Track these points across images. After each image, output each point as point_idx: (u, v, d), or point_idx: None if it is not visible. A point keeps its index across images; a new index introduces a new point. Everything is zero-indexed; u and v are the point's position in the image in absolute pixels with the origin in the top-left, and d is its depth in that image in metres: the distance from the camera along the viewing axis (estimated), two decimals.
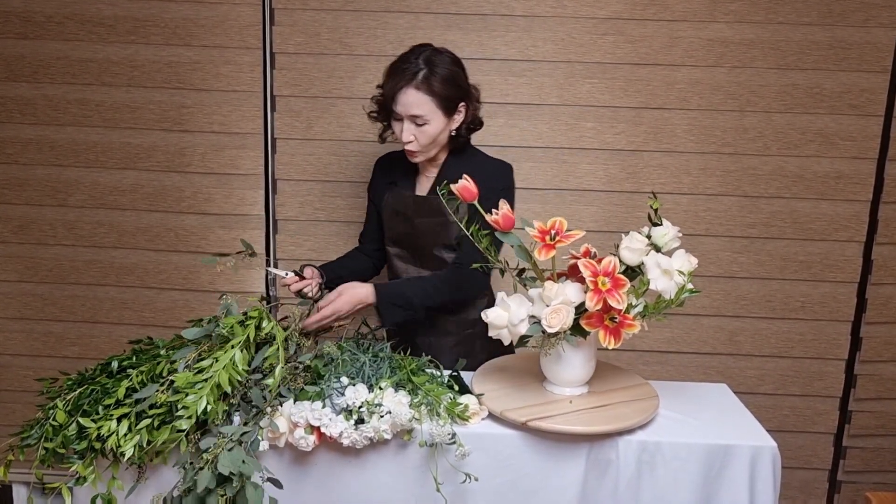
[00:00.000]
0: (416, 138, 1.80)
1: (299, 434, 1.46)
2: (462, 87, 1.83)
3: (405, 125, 1.79)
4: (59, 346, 2.56)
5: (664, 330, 2.49)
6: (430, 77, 1.75)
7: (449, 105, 1.80)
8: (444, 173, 1.90)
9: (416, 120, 1.78)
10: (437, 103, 1.77)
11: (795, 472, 2.56)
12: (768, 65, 2.36)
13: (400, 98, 1.76)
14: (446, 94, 1.78)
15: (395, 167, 1.99)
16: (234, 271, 1.60)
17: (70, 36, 2.38)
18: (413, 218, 1.91)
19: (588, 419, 1.52)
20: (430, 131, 1.80)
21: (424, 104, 1.76)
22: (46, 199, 2.47)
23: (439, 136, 1.82)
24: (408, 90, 1.75)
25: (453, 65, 1.82)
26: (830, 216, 2.43)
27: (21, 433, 1.50)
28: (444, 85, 1.77)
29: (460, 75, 1.84)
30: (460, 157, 1.91)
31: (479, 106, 1.91)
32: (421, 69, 1.76)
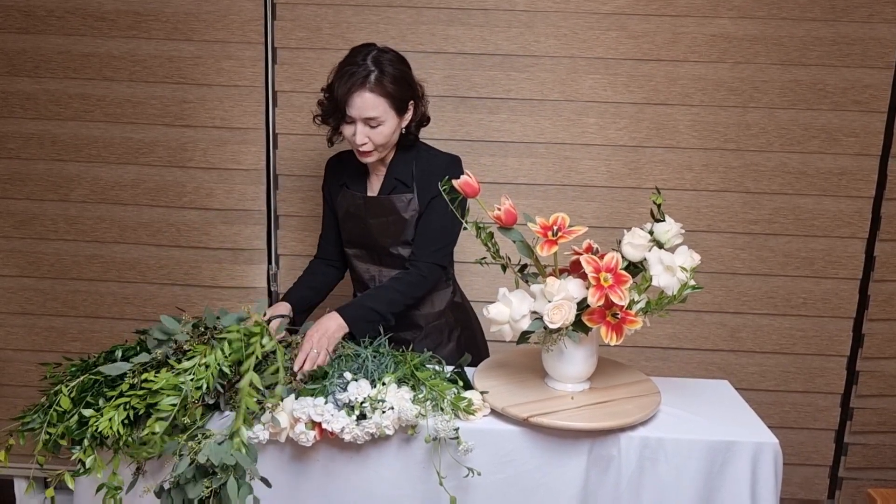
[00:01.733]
0: (369, 140, 1.79)
1: (300, 429, 1.46)
2: (411, 86, 1.83)
3: (358, 128, 1.78)
4: (60, 341, 2.56)
5: (666, 326, 2.49)
6: (381, 78, 1.75)
7: (401, 105, 1.80)
8: (392, 171, 1.90)
9: (371, 122, 1.77)
10: (391, 104, 1.77)
11: (797, 468, 2.56)
12: (771, 61, 2.35)
13: (354, 101, 1.75)
14: (398, 94, 1.78)
15: (345, 169, 1.98)
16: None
17: (71, 30, 2.38)
18: (366, 219, 1.90)
19: (590, 415, 1.52)
20: (384, 132, 1.79)
21: (379, 106, 1.75)
22: (48, 194, 2.47)
23: (392, 135, 1.82)
24: (362, 93, 1.74)
25: (401, 63, 1.82)
26: (833, 212, 2.42)
27: (23, 417, 1.50)
28: (395, 85, 1.77)
29: (408, 74, 1.83)
30: (408, 153, 1.91)
31: (426, 102, 1.91)
32: (371, 71, 1.75)
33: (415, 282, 1.84)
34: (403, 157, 1.90)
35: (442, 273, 1.91)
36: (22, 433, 1.49)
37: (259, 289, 2.51)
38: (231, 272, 2.50)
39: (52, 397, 1.50)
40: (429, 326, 1.97)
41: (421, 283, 1.85)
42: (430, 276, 1.86)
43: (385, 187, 1.90)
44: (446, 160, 1.91)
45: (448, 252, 1.90)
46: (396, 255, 1.90)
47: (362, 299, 1.84)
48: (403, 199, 1.86)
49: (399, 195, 1.86)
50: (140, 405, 1.43)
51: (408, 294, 1.84)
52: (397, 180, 1.88)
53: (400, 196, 1.86)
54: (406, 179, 1.88)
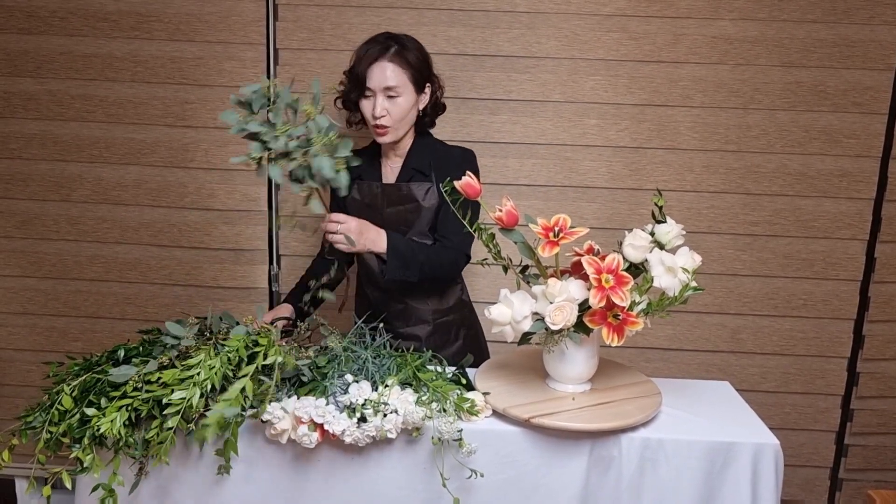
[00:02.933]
0: (388, 112, 1.82)
1: (302, 431, 1.46)
2: (429, 67, 1.90)
3: (377, 100, 1.82)
4: (62, 342, 2.56)
5: (666, 327, 2.49)
6: (402, 51, 1.83)
7: (419, 79, 1.86)
8: (409, 160, 1.92)
9: (389, 92, 1.81)
10: (410, 76, 1.83)
11: (797, 469, 2.56)
12: (772, 62, 2.35)
13: (374, 71, 1.81)
14: (418, 67, 1.85)
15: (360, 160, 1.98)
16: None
17: (73, 31, 2.38)
18: (383, 208, 1.91)
19: (591, 416, 1.52)
20: (402, 104, 1.83)
21: (399, 75, 1.81)
22: (50, 195, 2.47)
23: (409, 112, 1.86)
24: (382, 62, 1.81)
25: (420, 46, 1.90)
26: (833, 214, 2.42)
27: (25, 416, 1.50)
28: (415, 59, 1.84)
29: (427, 56, 1.91)
30: (423, 145, 1.95)
31: (442, 92, 1.97)
32: (393, 45, 1.83)
33: (446, 257, 1.84)
34: (420, 147, 1.93)
35: (467, 260, 1.91)
36: (24, 432, 1.49)
37: (260, 289, 2.51)
38: (232, 272, 2.50)
39: (55, 396, 1.50)
40: (437, 322, 1.97)
41: (452, 263, 1.85)
42: (459, 259, 1.86)
43: (402, 177, 1.92)
44: (462, 152, 1.95)
45: (471, 241, 1.88)
46: None
47: (405, 239, 1.83)
48: (423, 187, 1.89)
49: (419, 183, 1.89)
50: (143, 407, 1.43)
51: (441, 263, 1.83)
52: (415, 170, 1.91)
53: (420, 184, 1.89)
54: (424, 169, 1.90)
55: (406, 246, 1.80)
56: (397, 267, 1.77)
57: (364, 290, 2.06)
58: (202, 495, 1.54)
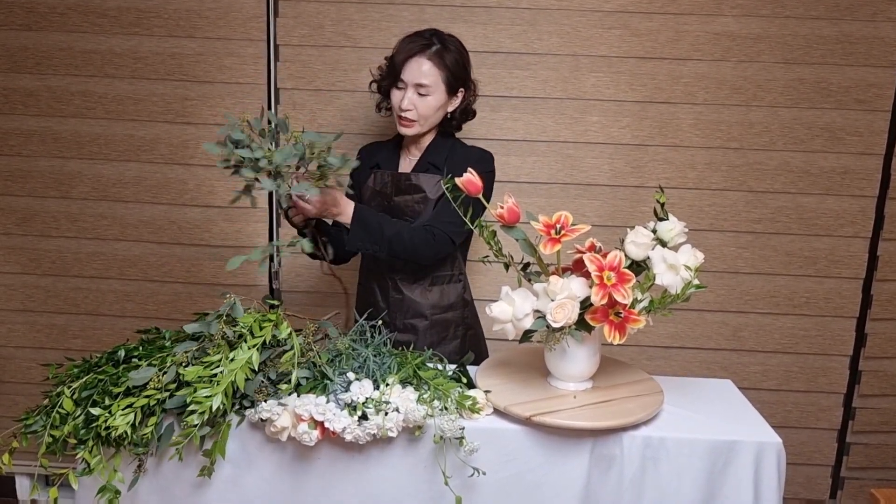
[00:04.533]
0: (415, 107, 1.85)
1: (303, 429, 1.45)
2: (466, 72, 1.92)
3: (407, 93, 1.85)
4: (62, 339, 2.56)
5: (668, 325, 2.49)
6: (442, 51, 1.84)
7: (453, 83, 1.87)
8: (427, 155, 1.94)
9: (420, 89, 1.84)
10: (444, 77, 1.85)
11: (799, 468, 2.56)
12: (775, 59, 2.34)
13: (410, 65, 1.83)
14: (454, 70, 1.86)
15: (379, 153, 2.03)
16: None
17: (73, 27, 2.37)
18: (392, 196, 1.93)
19: (592, 414, 1.51)
20: (431, 103, 1.85)
21: (432, 75, 1.83)
22: (49, 191, 2.47)
23: (437, 111, 1.88)
24: (420, 58, 1.83)
25: (463, 50, 1.91)
26: (836, 212, 2.41)
27: (25, 419, 1.50)
28: (453, 62, 1.85)
29: (467, 60, 1.92)
30: (443, 143, 1.96)
31: (475, 98, 1.98)
32: (435, 44, 1.84)
33: (422, 237, 1.82)
34: (440, 145, 1.95)
35: (450, 248, 1.90)
36: (25, 435, 1.48)
37: (261, 286, 2.51)
38: (232, 270, 2.49)
39: (55, 398, 1.50)
40: (434, 318, 1.97)
41: (427, 243, 1.82)
42: (439, 242, 1.83)
43: (417, 169, 1.94)
44: (479, 153, 1.97)
45: (461, 232, 1.86)
46: None
47: (377, 213, 1.83)
48: (432, 179, 1.90)
49: (428, 175, 1.90)
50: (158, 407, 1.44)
51: (414, 243, 1.81)
52: (430, 164, 1.92)
53: (429, 176, 1.90)
54: (439, 164, 1.92)
55: (374, 218, 1.80)
56: (361, 238, 1.77)
57: (365, 280, 2.07)
58: (202, 492, 1.53)
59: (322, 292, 2.51)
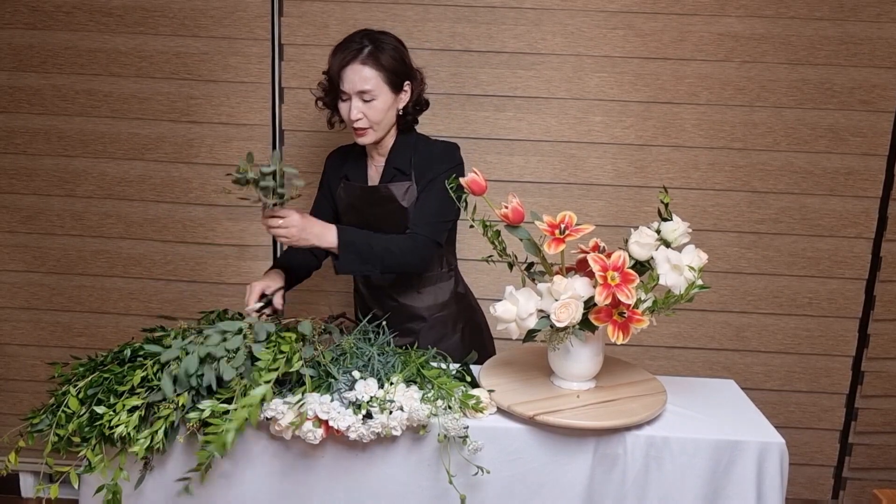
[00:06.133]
0: (364, 115, 1.80)
1: (307, 427, 1.46)
2: (406, 65, 1.85)
3: (353, 103, 1.80)
4: (66, 336, 2.56)
5: (671, 325, 2.49)
6: (375, 52, 1.78)
7: (395, 81, 1.82)
8: (391, 160, 1.90)
9: (364, 96, 1.79)
10: (384, 78, 1.79)
11: (801, 468, 2.56)
12: (779, 60, 2.34)
13: (347, 75, 1.78)
14: (392, 68, 1.80)
15: (346, 161, 1.99)
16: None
17: (78, 26, 2.38)
18: (365, 209, 1.91)
19: (595, 414, 1.52)
20: (378, 107, 1.80)
21: (372, 78, 1.78)
22: (54, 190, 2.47)
23: (387, 113, 1.83)
24: (354, 65, 1.77)
25: (396, 42, 1.85)
26: (840, 212, 2.42)
27: (31, 418, 1.50)
28: (390, 60, 1.79)
29: (404, 53, 1.86)
30: (406, 142, 1.92)
31: (424, 87, 1.93)
32: (366, 46, 1.79)
33: (407, 245, 1.80)
34: (402, 146, 1.91)
35: (436, 250, 1.88)
36: (31, 434, 1.49)
37: None
38: (237, 268, 2.50)
39: (60, 398, 1.50)
40: (432, 318, 1.97)
41: (413, 250, 1.81)
42: (424, 248, 1.82)
43: (384, 177, 1.90)
44: (443, 146, 1.92)
45: (443, 230, 1.87)
46: None
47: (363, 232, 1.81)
48: (402, 187, 1.86)
49: (397, 183, 1.87)
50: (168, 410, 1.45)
51: (403, 254, 1.80)
52: (396, 169, 1.89)
53: (398, 184, 1.87)
54: (405, 168, 1.88)
55: (361, 238, 1.78)
56: (353, 261, 1.75)
57: (359, 288, 2.06)
58: (206, 490, 1.54)
59: (324, 291, 2.52)
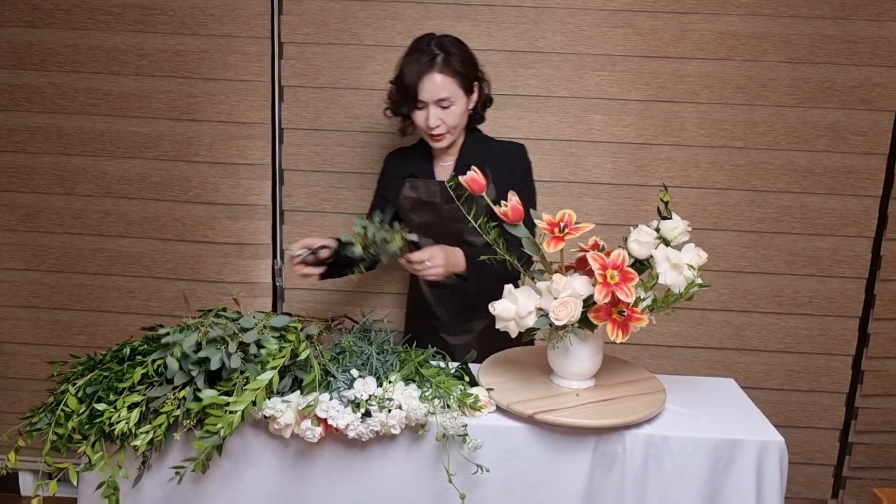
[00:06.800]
0: (443, 122, 1.84)
1: (306, 425, 1.46)
2: (475, 66, 1.90)
3: (431, 111, 1.83)
4: (65, 335, 2.56)
5: (670, 324, 2.49)
6: (448, 59, 1.82)
7: (468, 83, 1.87)
8: (464, 157, 1.94)
9: (442, 103, 1.83)
10: (459, 83, 1.84)
11: (801, 467, 2.56)
12: (779, 58, 2.34)
13: (424, 84, 1.81)
14: (465, 72, 1.85)
15: (409, 160, 2.01)
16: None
17: (78, 24, 2.37)
18: (441, 205, 1.93)
19: (595, 412, 1.52)
20: (455, 112, 1.85)
21: (449, 86, 1.82)
22: (54, 188, 2.47)
23: (462, 116, 1.88)
24: (431, 75, 1.81)
25: (462, 45, 1.89)
26: (840, 211, 2.41)
27: (30, 416, 1.50)
28: (462, 64, 1.84)
29: (471, 54, 1.90)
30: (475, 142, 1.97)
31: (488, 84, 1.97)
32: (438, 54, 1.82)
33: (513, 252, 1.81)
34: (472, 144, 1.96)
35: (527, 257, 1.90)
36: (30, 433, 1.49)
37: (264, 284, 2.51)
38: (236, 267, 2.50)
39: (59, 396, 1.50)
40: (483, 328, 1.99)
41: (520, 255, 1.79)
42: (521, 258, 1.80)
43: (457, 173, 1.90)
44: (514, 146, 1.98)
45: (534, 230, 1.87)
46: (469, 242, 1.92)
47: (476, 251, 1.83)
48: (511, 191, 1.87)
49: None
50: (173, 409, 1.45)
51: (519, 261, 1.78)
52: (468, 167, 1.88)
53: None
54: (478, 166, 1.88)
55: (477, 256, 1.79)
56: (478, 277, 1.81)
57: (420, 289, 2.06)
58: (205, 488, 1.54)
59: (325, 289, 2.52)
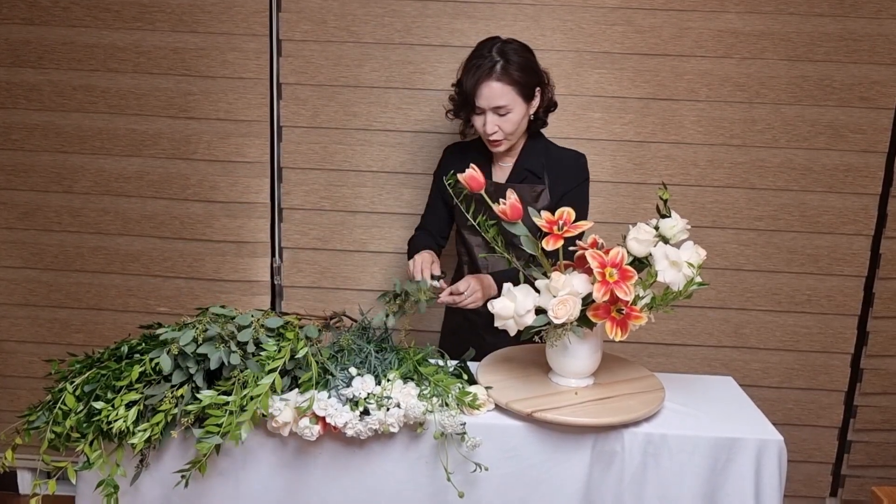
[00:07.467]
0: (500, 128, 1.84)
1: (304, 423, 1.45)
2: (536, 72, 1.88)
3: (488, 117, 1.83)
4: (64, 333, 2.56)
5: (669, 322, 2.49)
6: (507, 67, 1.81)
7: (527, 91, 1.85)
8: (522, 161, 1.94)
9: (499, 111, 1.82)
10: (518, 91, 1.82)
11: (799, 465, 2.56)
12: (778, 56, 2.34)
13: (482, 91, 1.81)
14: (524, 80, 1.83)
15: (467, 156, 1.99)
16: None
17: (76, 21, 2.37)
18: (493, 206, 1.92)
19: (593, 411, 1.51)
20: (513, 119, 1.84)
21: (506, 94, 1.81)
22: (52, 186, 2.47)
23: (521, 122, 1.87)
24: (489, 83, 1.80)
25: (525, 52, 1.87)
26: (839, 209, 2.41)
27: (28, 415, 1.50)
28: (521, 72, 1.82)
29: (533, 61, 1.88)
30: (535, 146, 1.96)
31: (552, 88, 1.96)
32: (497, 61, 1.81)
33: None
34: (532, 149, 1.95)
35: None
36: (28, 432, 1.48)
37: (262, 282, 2.51)
38: (234, 265, 2.50)
39: (57, 395, 1.50)
40: None
41: None
42: None
43: (514, 176, 1.93)
44: (575, 155, 1.97)
45: None
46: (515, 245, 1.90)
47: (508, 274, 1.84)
48: (536, 189, 1.90)
49: (532, 185, 1.90)
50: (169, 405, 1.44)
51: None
52: (528, 171, 1.92)
53: (533, 186, 1.90)
54: (537, 171, 1.91)
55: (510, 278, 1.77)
56: None
57: None
58: (203, 487, 1.54)
59: (324, 288, 2.51)
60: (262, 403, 1.42)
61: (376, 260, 2.50)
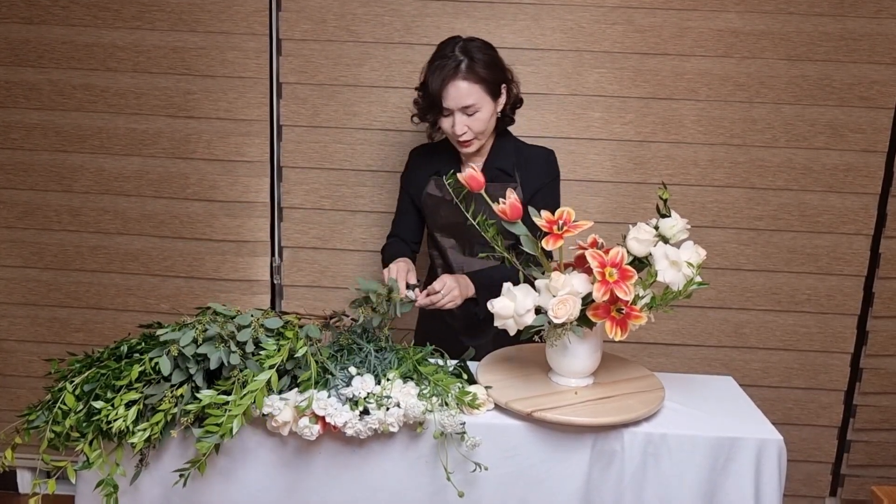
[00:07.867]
0: (469, 128, 1.82)
1: (303, 423, 1.45)
2: (501, 69, 1.87)
3: (456, 118, 1.81)
4: (63, 332, 2.56)
5: (669, 322, 2.49)
6: (472, 65, 1.78)
7: (494, 88, 1.83)
8: (493, 160, 1.92)
9: (468, 110, 1.80)
10: (485, 89, 1.80)
11: (799, 465, 2.56)
12: (778, 56, 2.34)
13: (449, 92, 1.78)
14: (490, 78, 1.81)
15: (435, 158, 1.99)
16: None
17: (75, 20, 2.37)
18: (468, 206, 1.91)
19: (593, 410, 1.51)
20: (482, 118, 1.82)
21: (474, 93, 1.79)
22: (51, 185, 2.47)
23: (490, 121, 1.85)
24: (455, 82, 1.78)
25: (488, 49, 1.85)
26: (838, 209, 2.41)
27: (27, 414, 1.50)
28: (487, 70, 1.80)
29: (497, 57, 1.87)
30: (504, 145, 1.94)
31: (517, 85, 1.94)
32: (462, 60, 1.78)
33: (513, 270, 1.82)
34: (501, 147, 1.93)
35: None
36: (27, 431, 1.48)
37: (262, 281, 2.51)
38: (234, 264, 2.50)
39: (57, 394, 1.49)
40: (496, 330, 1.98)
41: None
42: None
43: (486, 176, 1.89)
44: (545, 153, 1.96)
45: None
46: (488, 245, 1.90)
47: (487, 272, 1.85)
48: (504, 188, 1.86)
49: (504, 183, 1.87)
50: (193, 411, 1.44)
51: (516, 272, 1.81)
52: (499, 170, 1.90)
53: (501, 185, 1.87)
54: (508, 169, 1.90)
55: (488, 278, 1.81)
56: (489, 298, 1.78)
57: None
58: (202, 487, 1.54)
59: (323, 287, 2.51)
60: (257, 399, 1.42)
61: (376, 259, 2.50)
